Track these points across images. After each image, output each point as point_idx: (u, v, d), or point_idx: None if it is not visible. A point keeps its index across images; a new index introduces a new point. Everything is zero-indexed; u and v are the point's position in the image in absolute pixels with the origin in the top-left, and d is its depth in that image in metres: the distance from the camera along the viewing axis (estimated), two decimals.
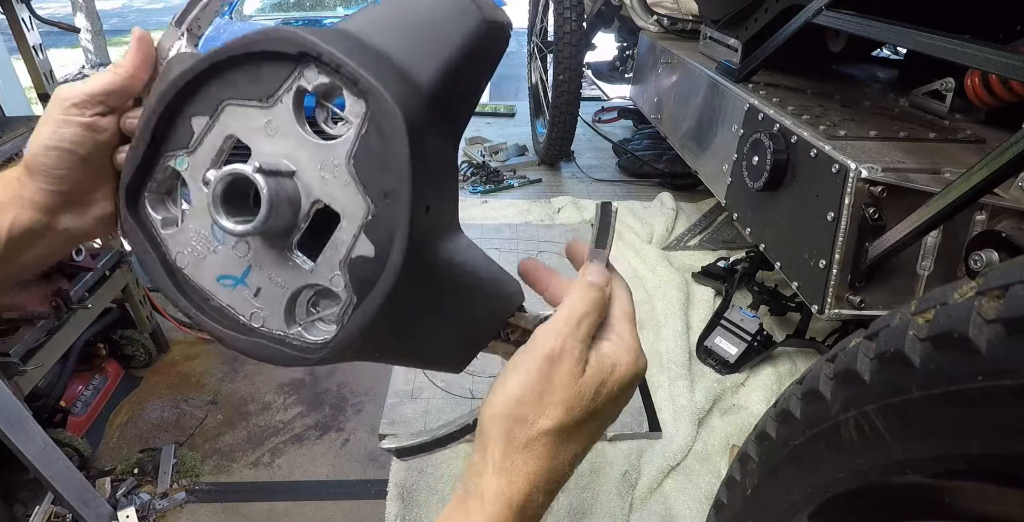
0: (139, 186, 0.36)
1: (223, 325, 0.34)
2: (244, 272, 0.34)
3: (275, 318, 0.34)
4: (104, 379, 1.52)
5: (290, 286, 0.34)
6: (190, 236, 0.36)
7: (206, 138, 0.34)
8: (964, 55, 0.81)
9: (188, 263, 0.36)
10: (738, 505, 0.71)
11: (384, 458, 1.36)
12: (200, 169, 0.34)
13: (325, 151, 0.32)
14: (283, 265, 0.33)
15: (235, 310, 0.35)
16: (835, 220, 0.98)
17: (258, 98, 0.33)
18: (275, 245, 0.33)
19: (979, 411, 0.38)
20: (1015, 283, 0.37)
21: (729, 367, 1.56)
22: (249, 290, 0.34)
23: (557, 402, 0.35)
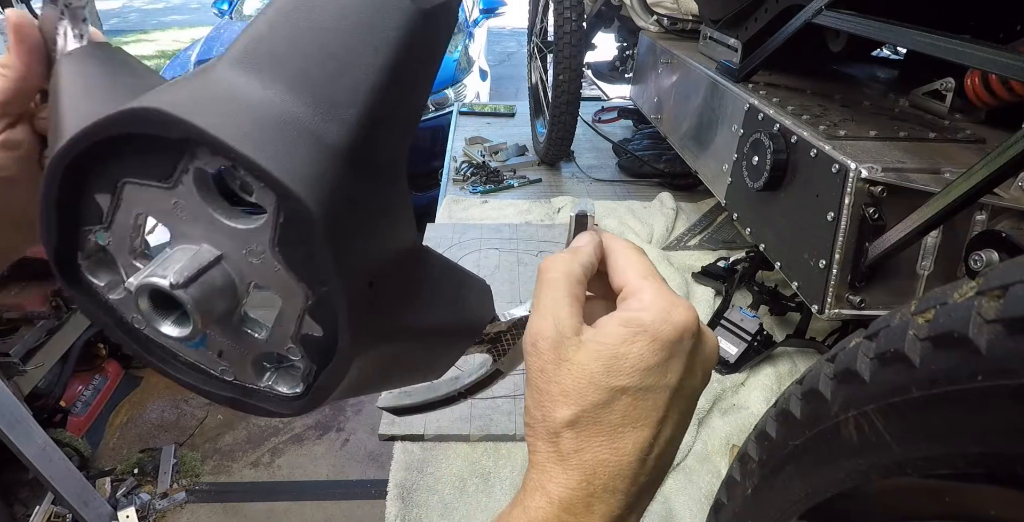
0: (70, 259, 0.33)
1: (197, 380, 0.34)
2: (201, 339, 0.33)
3: (244, 373, 0.34)
4: (104, 379, 1.53)
5: (249, 352, 0.33)
6: None
7: (116, 216, 0.31)
8: (964, 55, 0.81)
9: (145, 326, 0.34)
10: (738, 505, 0.71)
11: (384, 458, 1.36)
12: (124, 243, 0.32)
13: (245, 237, 0.28)
14: (236, 335, 0.32)
15: (204, 365, 0.34)
16: (835, 220, 0.98)
17: (156, 179, 0.28)
18: (223, 320, 0.32)
19: (979, 411, 0.38)
20: (1015, 283, 0.37)
21: (729, 367, 1.56)
22: (212, 352, 0.34)
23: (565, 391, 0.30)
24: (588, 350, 0.31)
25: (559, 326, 0.31)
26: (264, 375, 0.34)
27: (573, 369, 0.30)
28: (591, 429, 0.30)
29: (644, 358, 0.30)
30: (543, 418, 0.31)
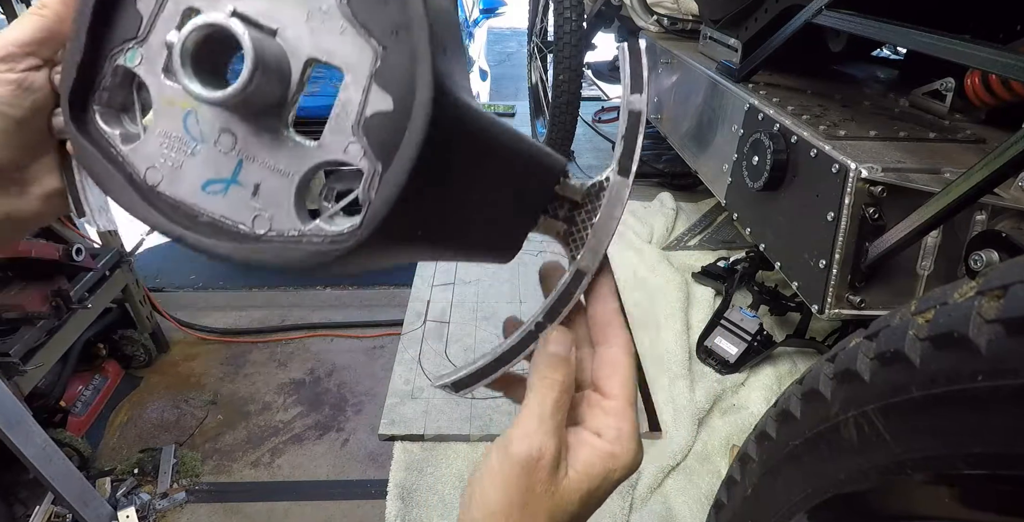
0: (85, 97, 0.31)
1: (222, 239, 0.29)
2: (235, 170, 0.29)
3: (284, 216, 0.28)
4: (104, 379, 1.52)
5: (296, 172, 0.28)
6: (159, 144, 0.30)
7: (158, 19, 0.29)
8: (964, 55, 0.81)
9: (162, 178, 0.30)
10: (738, 505, 0.71)
11: (384, 458, 1.36)
12: (157, 59, 0.29)
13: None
14: (282, 149, 0.28)
15: (232, 220, 0.29)
16: (835, 220, 0.98)
17: None
18: (267, 126, 0.28)
19: (979, 411, 0.38)
20: (1015, 283, 0.37)
21: (729, 367, 1.56)
22: (245, 190, 0.29)
23: (541, 511, 0.32)
24: (573, 481, 0.32)
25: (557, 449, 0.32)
26: (307, 218, 0.29)
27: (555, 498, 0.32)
28: None
29: (605, 492, 0.34)
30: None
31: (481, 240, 0.33)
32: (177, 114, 0.29)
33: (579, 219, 0.35)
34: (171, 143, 0.30)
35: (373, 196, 0.26)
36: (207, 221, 0.29)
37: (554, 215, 0.35)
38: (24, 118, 0.32)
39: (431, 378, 0.36)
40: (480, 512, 0.32)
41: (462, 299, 1.81)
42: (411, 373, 1.56)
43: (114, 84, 0.31)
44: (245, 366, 1.68)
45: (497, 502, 0.32)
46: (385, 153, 0.26)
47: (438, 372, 1.55)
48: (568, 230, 0.35)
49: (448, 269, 1.90)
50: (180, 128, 0.29)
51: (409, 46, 0.25)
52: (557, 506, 0.32)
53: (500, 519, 0.31)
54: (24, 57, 0.32)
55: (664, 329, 1.70)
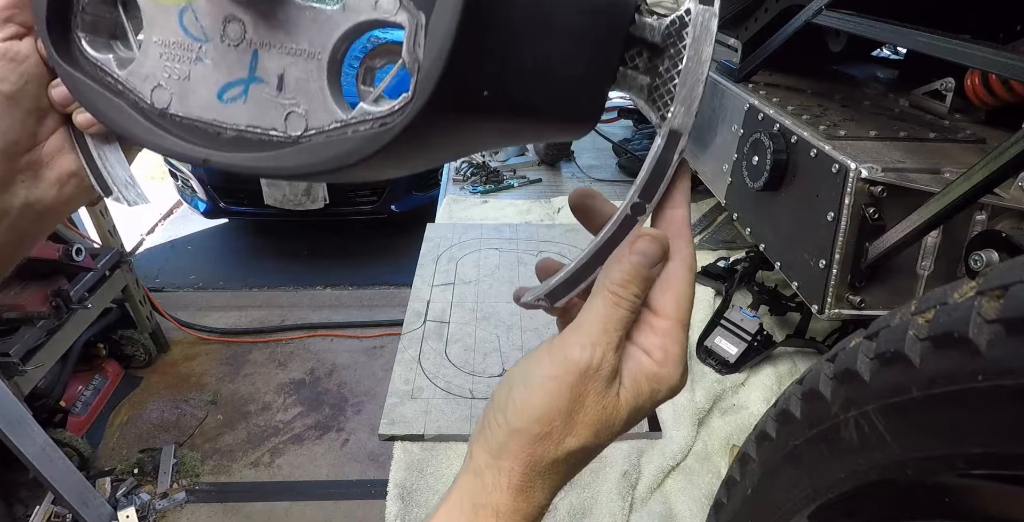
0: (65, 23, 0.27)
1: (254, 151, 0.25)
2: (251, 64, 0.25)
3: (321, 106, 0.24)
4: (104, 379, 1.53)
5: (323, 48, 0.23)
6: (158, 56, 0.26)
7: None
8: (964, 55, 0.82)
9: (171, 96, 0.26)
10: (738, 505, 0.71)
11: (384, 458, 1.36)
12: None
13: None
14: (300, 25, 0.23)
15: (260, 127, 0.25)
16: (835, 220, 0.98)
17: None
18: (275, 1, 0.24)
19: (979, 411, 0.38)
20: (1015, 283, 0.37)
21: (729, 367, 1.56)
22: (268, 86, 0.24)
23: (588, 423, 0.30)
24: (623, 399, 0.31)
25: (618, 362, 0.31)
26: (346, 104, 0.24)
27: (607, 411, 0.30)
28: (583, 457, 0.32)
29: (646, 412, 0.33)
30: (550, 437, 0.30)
31: (555, 103, 0.27)
32: (171, 15, 0.25)
33: (662, 68, 0.28)
34: (172, 52, 0.26)
35: (421, 55, 0.21)
36: (232, 136, 0.25)
37: (634, 66, 0.29)
38: (17, 92, 0.30)
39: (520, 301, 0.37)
40: (520, 418, 0.30)
41: (462, 299, 1.81)
42: (411, 373, 1.56)
43: (94, 2, 0.27)
44: (245, 366, 1.68)
45: (543, 407, 0.30)
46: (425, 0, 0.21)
47: (438, 372, 1.55)
48: (652, 83, 0.29)
49: (448, 269, 1.90)
50: (178, 31, 0.25)
51: None
52: (602, 420, 0.31)
53: (541, 426, 0.30)
54: (2, 24, 0.30)
55: None
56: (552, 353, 0.31)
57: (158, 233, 2.70)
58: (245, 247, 2.75)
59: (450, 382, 1.52)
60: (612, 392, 0.30)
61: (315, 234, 2.70)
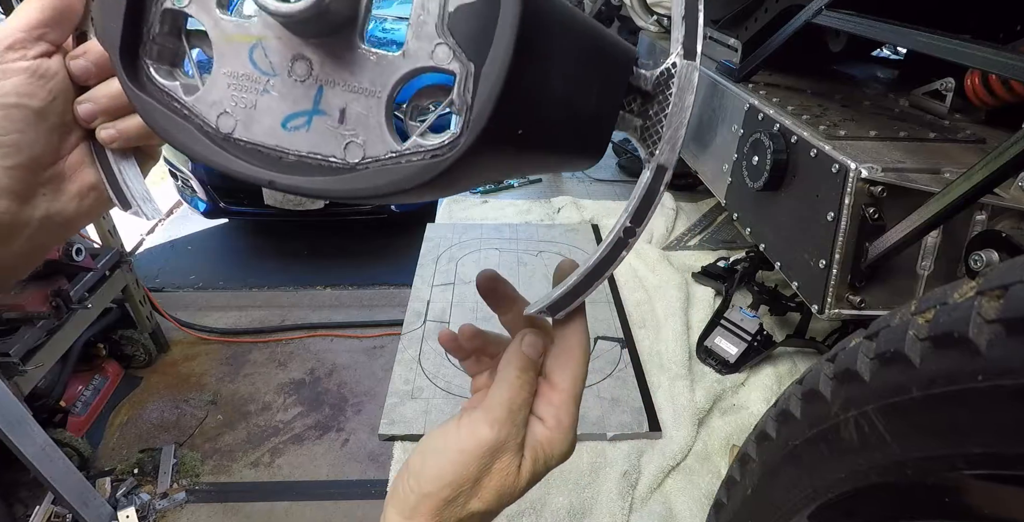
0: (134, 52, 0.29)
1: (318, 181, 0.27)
2: (316, 98, 0.27)
3: (378, 138, 0.27)
4: (104, 379, 1.52)
5: (383, 88, 0.26)
6: (226, 86, 0.28)
7: None
8: (964, 55, 0.82)
9: (237, 123, 0.28)
10: (738, 505, 0.71)
11: (384, 458, 1.36)
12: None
13: None
14: (363, 67, 0.26)
15: (321, 154, 0.27)
16: (835, 220, 0.98)
17: None
18: (342, 45, 0.26)
19: (979, 411, 0.38)
20: (1015, 283, 0.37)
21: (729, 367, 1.56)
22: (330, 119, 0.27)
23: (493, 488, 0.34)
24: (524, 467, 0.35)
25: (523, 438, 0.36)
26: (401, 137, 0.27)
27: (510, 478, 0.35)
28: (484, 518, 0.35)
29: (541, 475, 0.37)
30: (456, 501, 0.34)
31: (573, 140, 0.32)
32: (241, 50, 0.28)
33: (651, 112, 0.33)
34: (240, 83, 0.28)
35: (471, 98, 0.25)
36: (293, 160, 0.28)
37: (630, 110, 0.34)
38: (44, 108, 0.31)
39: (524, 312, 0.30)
40: (432, 483, 0.34)
41: (462, 299, 1.81)
42: (411, 373, 1.56)
43: (163, 33, 0.29)
44: (245, 366, 1.68)
45: (453, 475, 0.34)
46: (477, 50, 0.25)
47: (438, 372, 1.55)
48: (643, 125, 0.34)
49: (448, 269, 1.90)
50: (247, 65, 0.28)
51: None
52: (505, 486, 0.35)
53: (450, 491, 0.34)
54: (34, 42, 0.31)
55: (664, 329, 1.70)
56: (464, 428, 0.35)
57: (158, 233, 2.70)
58: (245, 247, 2.75)
59: (450, 382, 1.52)
60: (516, 462, 0.35)
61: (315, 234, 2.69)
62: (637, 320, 1.75)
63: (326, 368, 1.67)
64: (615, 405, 1.45)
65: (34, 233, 0.33)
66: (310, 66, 0.27)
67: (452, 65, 0.25)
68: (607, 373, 1.54)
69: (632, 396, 1.48)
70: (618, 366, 1.56)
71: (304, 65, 0.27)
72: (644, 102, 0.33)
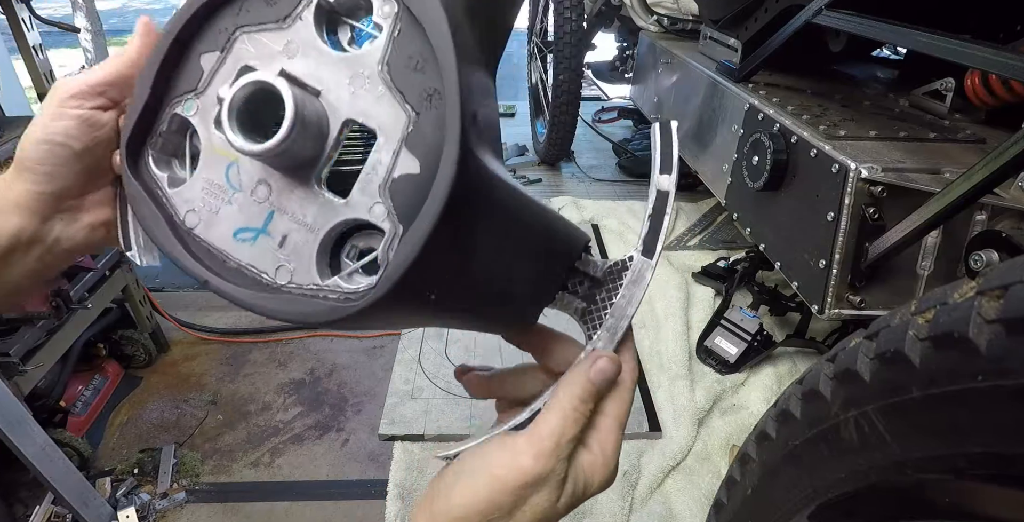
0: (141, 142, 0.33)
1: (241, 285, 0.30)
2: (266, 220, 0.30)
3: (305, 270, 0.30)
4: (104, 379, 1.52)
5: (321, 227, 0.29)
6: (201, 189, 0.32)
7: (217, 74, 0.31)
8: (964, 55, 0.82)
9: (200, 222, 0.32)
10: (738, 505, 0.71)
11: (384, 458, 1.36)
12: (211, 111, 0.32)
13: (352, 63, 0.29)
14: (311, 204, 0.30)
15: (256, 268, 0.30)
16: (835, 220, 0.98)
17: (274, 20, 0.30)
18: (300, 180, 0.30)
19: (979, 411, 0.38)
20: (1015, 283, 0.37)
21: (729, 367, 1.56)
22: (272, 240, 0.30)
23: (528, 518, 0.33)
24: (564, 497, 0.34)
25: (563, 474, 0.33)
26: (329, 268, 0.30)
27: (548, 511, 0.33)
28: None
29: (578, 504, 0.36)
30: None
31: (495, 311, 0.34)
32: (221, 163, 0.31)
33: (599, 297, 0.35)
34: (212, 190, 0.31)
35: (391, 256, 0.27)
36: (234, 267, 0.31)
37: (573, 291, 0.35)
38: (83, 151, 0.34)
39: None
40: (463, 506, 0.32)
41: None
42: (411, 373, 1.56)
43: (169, 131, 0.33)
44: (245, 366, 1.68)
45: (486, 502, 0.32)
46: (408, 216, 0.28)
47: (438, 372, 1.55)
48: (587, 308, 0.35)
49: None
50: (222, 176, 0.31)
51: (440, 112, 0.27)
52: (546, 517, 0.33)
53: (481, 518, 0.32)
54: (94, 96, 0.34)
55: (664, 329, 1.70)
56: (505, 454, 0.33)
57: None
58: None
59: (450, 382, 1.53)
60: (556, 495, 0.33)
61: None
62: (637, 320, 1.75)
63: (326, 368, 1.67)
64: None
65: (43, 253, 0.36)
66: (270, 191, 0.30)
67: (384, 224, 0.28)
68: None
69: None
70: None
71: (265, 189, 0.30)
72: (592, 287, 0.35)
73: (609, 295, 0.35)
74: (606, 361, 0.34)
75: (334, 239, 0.30)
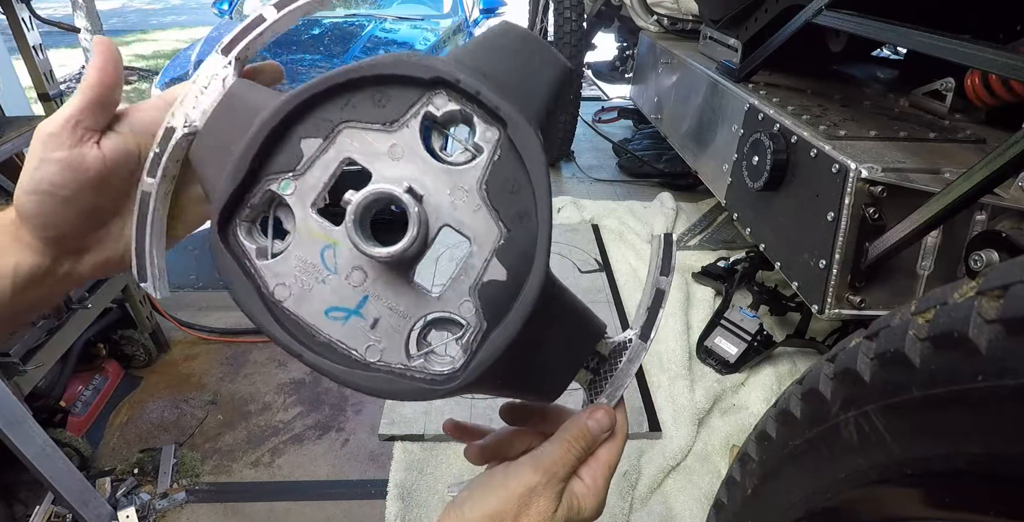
0: (232, 212, 0.33)
1: (334, 361, 0.32)
2: (359, 303, 0.32)
3: (395, 351, 0.32)
4: (104, 379, 1.52)
5: (413, 316, 0.32)
6: (293, 266, 0.33)
7: (318, 161, 0.33)
8: (964, 55, 0.82)
9: (290, 295, 0.33)
10: (738, 505, 0.71)
11: (384, 458, 1.36)
12: (308, 194, 0.33)
13: (454, 176, 0.32)
14: (405, 294, 0.32)
15: (346, 345, 0.32)
16: (835, 220, 0.98)
17: (381, 122, 0.32)
18: (397, 274, 0.32)
19: (979, 411, 0.38)
20: (1015, 283, 0.37)
21: (729, 367, 1.56)
22: (364, 322, 0.32)
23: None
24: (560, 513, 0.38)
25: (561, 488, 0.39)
26: (415, 352, 0.32)
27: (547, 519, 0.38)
28: None
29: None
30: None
31: (537, 387, 0.39)
32: (316, 245, 0.33)
33: (603, 370, 0.41)
34: (305, 268, 0.33)
35: (475, 348, 0.32)
36: (323, 341, 0.33)
37: (586, 366, 0.40)
38: (72, 197, 0.34)
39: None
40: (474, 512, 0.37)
41: None
42: None
43: (260, 203, 0.34)
44: (245, 366, 1.68)
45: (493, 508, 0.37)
46: (492, 315, 0.32)
47: None
48: (593, 379, 0.41)
49: (448, 269, 1.90)
50: (316, 257, 0.33)
51: (530, 233, 0.32)
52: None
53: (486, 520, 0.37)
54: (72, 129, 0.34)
55: (664, 329, 1.70)
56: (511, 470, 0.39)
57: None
58: None
59: None
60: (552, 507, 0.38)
61: None
62: None
63: None
64: None
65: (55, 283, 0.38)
66: (365, 278, 0.32)
67: (471, 319, 0.32)
68: None
69: (632, 396, 1.47)
70: None
71: (360, 275, 0.32)
72: (600, 363, 0.40)
73: (611, 368, 0.40)
74: (603, 412, 0.40)
75: (421, 327, 0.33)
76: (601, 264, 2.03)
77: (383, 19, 3.12)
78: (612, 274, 1.97)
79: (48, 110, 1.41)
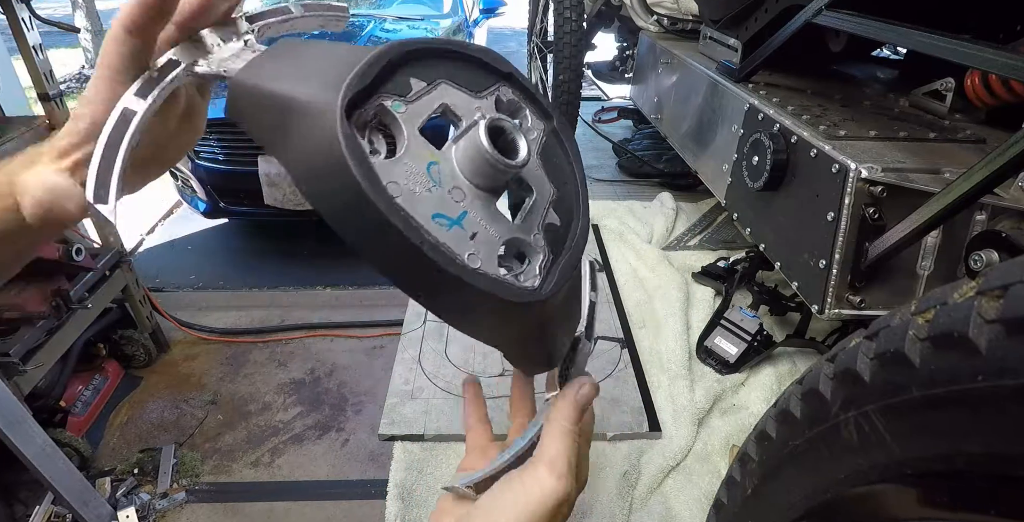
0: (351, 110, 0.34)
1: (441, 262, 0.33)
2: (460, 216, 0.36)
3: (490, 263, 0.36)
4: (104, 379, 1.52)
5: (503, 235, 0.37)
6: (404, 171, 0.35)
7: (423, 98, 0.37)
8: (964, 55, 0.82)
9: (401, 194, 0.34)
10: (738, 505, 0.71)
11: (384, 458, 1.36)
12: (415, 118, 0.36)
13: None
14: (493, 217, 0.37)
15: (451, 249, 0.34)
16: (835, 220, 0.98)
17: (470, 89, 0.39)
18: (487, 198, 0.37)
19: (979, 411, 0.38)
20: (1015, 283, 0.37)
21: (729, 367, 1.56)
22: (464, 233, 0.35)
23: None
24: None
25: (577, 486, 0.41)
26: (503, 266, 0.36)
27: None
28: None
29: None
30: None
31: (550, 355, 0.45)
32: (423, 159, 0.36)
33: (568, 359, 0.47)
34: (414, 177, 0.35)
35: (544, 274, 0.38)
36: (431, 241, 0.34)
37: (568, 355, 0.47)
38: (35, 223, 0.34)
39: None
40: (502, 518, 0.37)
41: None
42: (411, 373, 1.56)
43: (369, 115, 0.36)
44: (245, 366, 1.68)
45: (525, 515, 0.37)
46: (554, 248, 0.40)
47: (438, 372, 1.55)
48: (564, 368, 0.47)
49: None
50: (423, 170, 0.36)
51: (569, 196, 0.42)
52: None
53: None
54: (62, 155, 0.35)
55: (664, 329, 1.70)
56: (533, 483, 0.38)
57: (158, 233, 2.70)
58: (245, 247, 2.75)
59: (450, 382, 1.52)
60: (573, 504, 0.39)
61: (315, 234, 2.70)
62: (637, 320, 1.75)
63: (326, 368, 1.67)
64: (615, 405, 1.45)
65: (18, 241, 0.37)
66: (464, 196, 0.36)
67: (542, 249, 0.39)
68: (607, 373, 1.54)
69: (632, 396, 1.48)
70: (618, 366, 1.56)
71: (460, 193, 0.36)
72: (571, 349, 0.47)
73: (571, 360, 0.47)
74: (588, 387, 0.43)
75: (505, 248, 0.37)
76: (601, 264, 2.03)
77: (383, 19, 3.12)
78: (612, 274, 1.97)
79: (48, 110, 1.40)
